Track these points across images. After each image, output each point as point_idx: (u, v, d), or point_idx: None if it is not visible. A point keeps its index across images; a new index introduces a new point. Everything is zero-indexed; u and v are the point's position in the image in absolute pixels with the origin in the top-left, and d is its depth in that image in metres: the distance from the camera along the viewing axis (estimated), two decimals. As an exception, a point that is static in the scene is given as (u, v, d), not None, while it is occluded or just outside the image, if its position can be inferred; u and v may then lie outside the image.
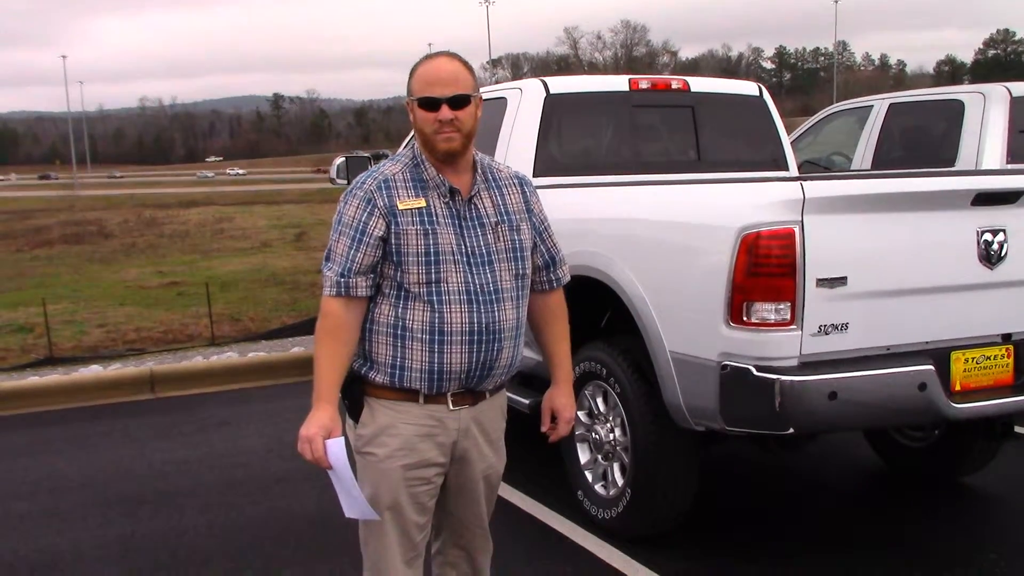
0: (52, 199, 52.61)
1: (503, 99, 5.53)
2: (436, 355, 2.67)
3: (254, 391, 7.84)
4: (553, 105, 5.35)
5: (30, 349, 9.37)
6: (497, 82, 8.61)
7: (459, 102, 2.66)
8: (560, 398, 3.00)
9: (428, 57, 2.74)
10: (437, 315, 2.66)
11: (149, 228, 27.59)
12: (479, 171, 2.78)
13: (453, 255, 2.68)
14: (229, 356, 8.61)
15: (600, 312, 4.74)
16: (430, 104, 2.66)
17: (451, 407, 2.76)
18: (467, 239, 2.71)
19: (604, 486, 4.56)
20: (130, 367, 8.24)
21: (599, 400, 4.56)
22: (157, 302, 12.38)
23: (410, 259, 2.65)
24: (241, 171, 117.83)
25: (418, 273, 2.65)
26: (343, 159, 7.16)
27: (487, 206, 2.77)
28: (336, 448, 2.61)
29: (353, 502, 2.66)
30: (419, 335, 2.67)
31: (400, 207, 2.66)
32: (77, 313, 11.51)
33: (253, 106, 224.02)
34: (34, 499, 5.42)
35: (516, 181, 2.89)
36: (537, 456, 4.78)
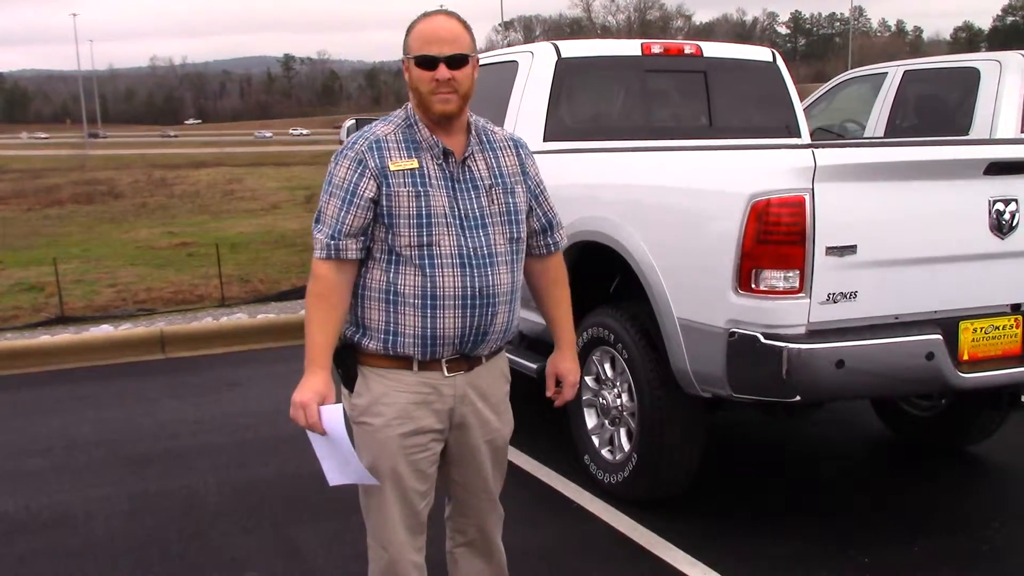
0: (63, 158, 52.60)
1: (514, 63, 5.50)
2: (429, 320, 2.61)
3: (263, 352, 7.88)
4: (565, 69, 5.32)
5: (41, 308, 9.40)
6: (509, 45, 8.55)
7: (457, 62, 2.58)
8: (564, 362, 2.97)
9: (426, 15, 2.66)
10: (429, 279, 2.59)
11: (159, 188, 27.60)
12: (473, 133, 2.72)
13: (446, 217, 2.61)
14: (239, 317, 8.64)
15: (609, 278, 4.74)
16: (427, 63, 2.58)
17: (446, 373, 2.70)
18: (460, 201, 2.64)
19: (611, 451, 4.59)
20: (141, 327, 8.28)
21: (606, 366, 4.57)
22: (167, 263, 12.40)
23: (401, 221, 2.58)
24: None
25: (409, 236, 2.58)
26: (353, 121, 7.15)
27: (481, 168, 2.70)
28: (334, 414, 2.57)
29: (347, 468, 2.61)
30: (411, 300, 2.61)
31: (392, 168, 2.59)
32: (88, 273, 11.54)
33: (264, 67, 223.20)
34: (46, 456, 5.48)
35: (511, 143, 2.82)
36: (544, 420, 4.80)
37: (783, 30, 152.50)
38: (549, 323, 2.98)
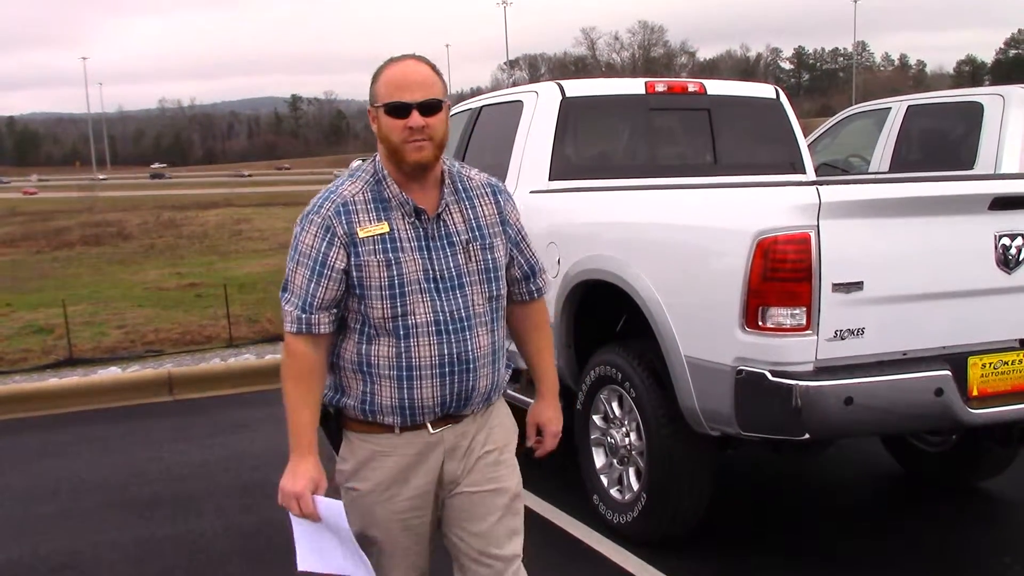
0: (72, 200, 52.93)
1: (519, 102, 5.54)
2: (406, 391, 2.46)
3: (271, 393, 7.86)
4: (569, 108, 5.35)
5: (50, 350, 9.43)
6: (514, 83, 8.62)
7: (430, 108, 2.40)
8: (546, 411, 2.84)
9: (393, 60, 2.49)
10: (404, 350, 2.44)
11: (168, 229, 27.73)
12: (447, 182, 2.53)
13: (420, 283, 2.44)
14: (246, 358, 8.65)
15: (616, 316, 4.74)
16: (398, 110, 2.40)
17: (432, 431, 2.54)
18: (435, 262, 2.47)
19: (619, 490, 4.56)
20: (149, 369, 8.29)
21: (614, 404, 4.55)
22: (176, 303, 12.44)
23: (372, 293, 2.41)
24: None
25: (383, 308, 2.42)
26: (360, 161, 7.18)
27: (457, 222, 2.52)
28: (335, 508, 2.43)
29: (329, 558, 2.48)
30: (386, 371, 2.46)
31: (360, 235, 2.41)
32: (97, 314, 11.57)
33: (271, 107, 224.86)
34: (53, 500, 5.47)
35: (489, 190, 2.62)
36: (552, 460, 4.77)
37: (787, 65, 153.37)
38: (531, 369, 2.85)
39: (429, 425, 2.53)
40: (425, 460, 2.55)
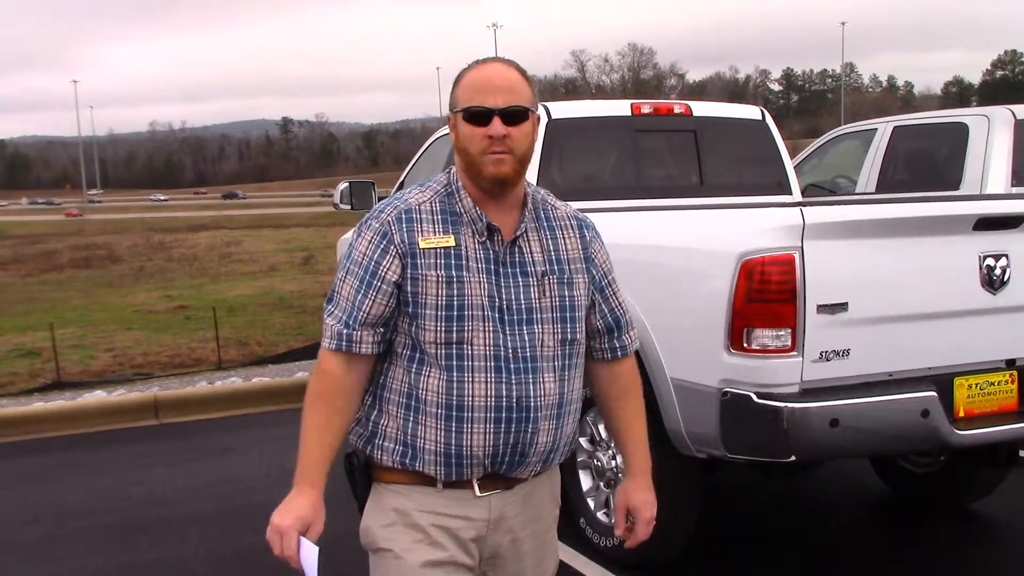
0: (62, 223, 52.88)
1: (505, 125, 5.53)
2: (453, 434, 2.14)
3: (258, 417, 7.82)
4: (555, 130, 5.35)
5: (38, 374, 9.39)
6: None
7: (514, 116, 2.13)
8: (638, 493, 2.45)
9: (479, 62, 2.22)
10: (455, 384, 2.13)
11: (157, 252, 27.71)
12: (530, 207, 2.25)
13: (483, 309, 2.14)
14: (233, 381, 8.61)
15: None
16: (479, 117, 2.12)
17: (478, 493, 2.21)
18: (503, 290, 2.17)
19: (606, 513, 4.53)
20: (135, 393, 8.24)
21: (600, 427, 4.53)
22: (165, 326, 12.41)
23: (427, 312, 2.13)
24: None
25: (436, 330, 2.13)
26: (347, 184, 7.19)
27: (534, 251, 2.22)
28: (310, 555, 2.13)
29: None
30: (432, 408, 2.14)
31: (422, 245, 2.14)
32: (85, 338, 11.54)
33: (262, 130, 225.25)
34: (36, 526, 5.41)
35: (575, 222, 2.33)
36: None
37: (776, 87, 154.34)
38: (618, 443, 2.51)
39: (476, 485, 2.21)
40: (465, 527, 2.22)
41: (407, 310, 2.15)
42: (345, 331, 2.16)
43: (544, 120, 5.35)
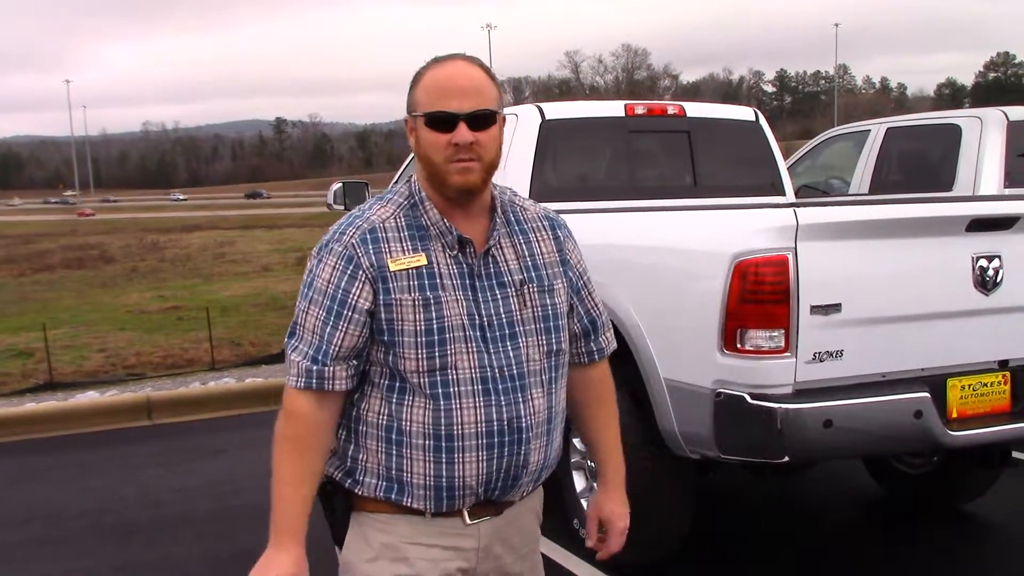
0: (54, 223, 52.75)
1: (499, 125, 5.53)
2: (444, 466, 2.00)
3: (251, 417, 7.81)
4: (549, 131, 5.35)
5: (30, 374, 9.35)
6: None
7: (482, 121, 1.97)
8: (613, 505, 2.35)
9: (440, 60, 2.03)
10: (443, 413, 1.98)
11: (151, 252, 27.65)
12: (499, 212, 2.09)
13: (464, 329, 1.98)
14: (226, 382, 8.59)
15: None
16: (443, 122, 1.95)
17: (468, 521, 2.08)
18: (482, 305, 2.02)
19: (600, 514, 4.52)
20: (127, 393, 8.22)
21: (595, 427, 4.52)
22: (158, 327, 12.37)
23: (406, 340, 1.96)
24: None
25: (417, 358, 1.97)
26: (340, 184, 7.17)
27: (509, 259, 2.07)
28: None
29: None
30: (419, 440, 1.99)
31: (392, 268, 1.96)
32: (78, 338, 11.50)
33: (256, 130, 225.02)
34: (28, 528, 5.39)
35: (547, 223, 2.18)
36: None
37: (769, 88, 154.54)
38: (591, 450, 2.39)
39: (466, 513, 2.07)
40: (454, 558, 2.09)
41: (382, 339, 1.98)
42: (315, 367, 1.97)
43: (537, 121, 5.35)
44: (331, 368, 1.98)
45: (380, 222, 2.01)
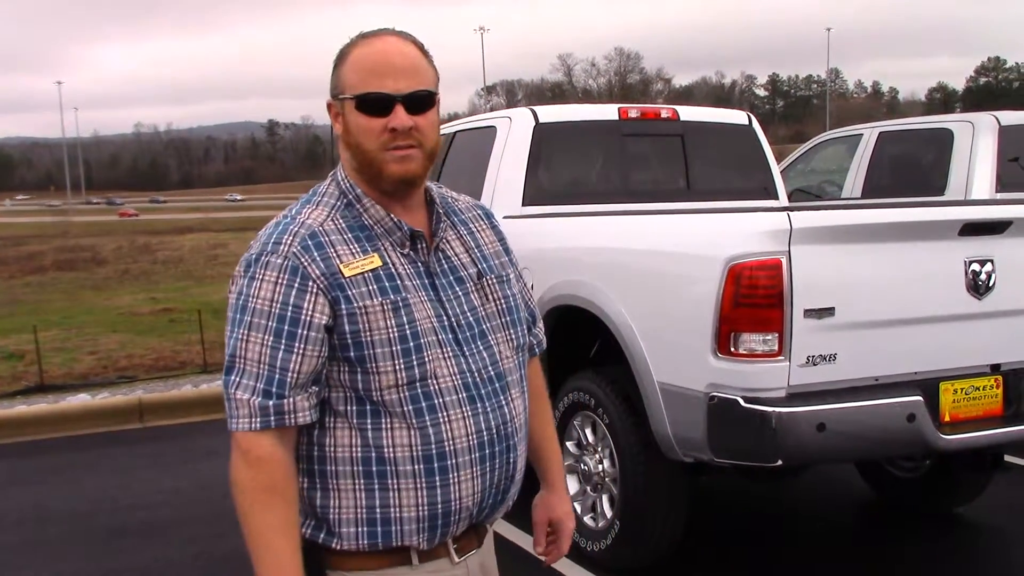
0: (46, 225, 52.61)
1: (493, 128, 5.54)
2: (438, 491, 1.77)
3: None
4: (542, 134, 5.35)
5: (21, 376, 9.31)
6: (492, 109, 8.66)
7: (420, 103, 1.77)
8: (561, 505, 2.20)
9: (368, 35, 1.81)
10: (431, 430, 1.76)
11: (143, 254, 27.57)
12: (438, 203, 1.90)
13: (436, 332, 1.78)
14: (218, 384, 8.53)
15: (589, 342, 4.72)
16: (376, 105, 1.75)
17: (456, 559, 1.88)
18: (447, 304, 1.83)
19: (593, 518, 4.52)
20: (119, 396, 8.19)
21: (588, 431, 4.53)
22: (149, 329, 12.33)
23: (377, 351, 1.73)
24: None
25: (395, 370, 1.74)
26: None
27: (459, 253, 1.90)
28: None
29: None
30: (407, 467, 1.76)
31: (347, 273, 1.73)
32: (69, 340, 11.45)
33: (248, 132, 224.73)
34: (19, 530, 5.37)
35: (481, 213, 2.02)
36: (525, 487, 4.73)
37: (762, 92, 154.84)
38: (532, 449, 2.10)
39: (453, 552, 1.87)
40: None
41: (347, 355, 1.74)
42: (271, 403, 1.70)
43: (531, 124, 5.35)
44: (291, 400, 1.71)
45: (318, 226, 1.77)
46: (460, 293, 1.85)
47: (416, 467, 1.76)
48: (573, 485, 4.63)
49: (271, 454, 1.71)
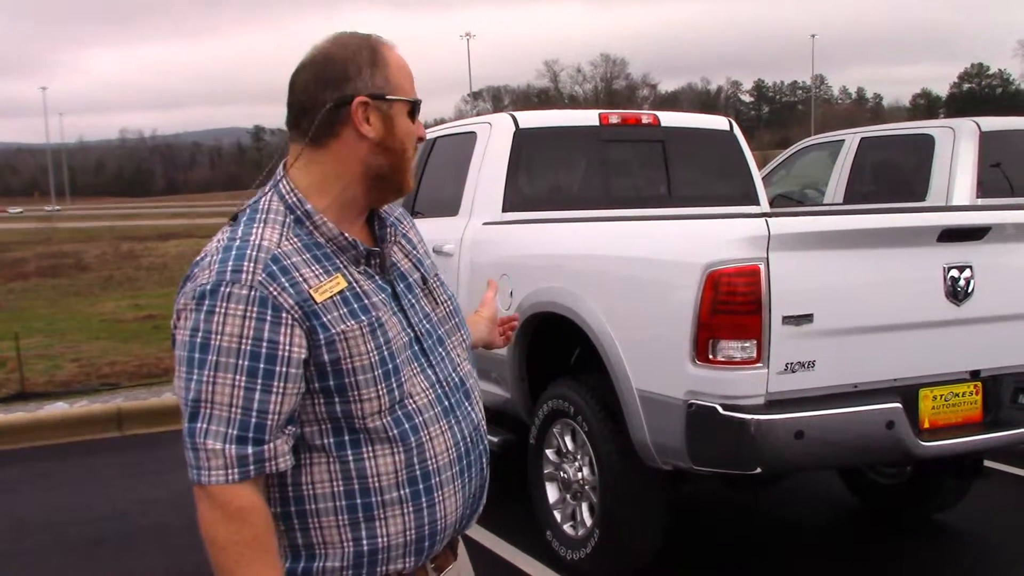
0: (29, 231, 52.34)
1: (473, 134, 5.51)
2: (424, 512, 1.71)
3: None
4: (522, 140, 5.33)
5: (2, 383, 9.22)
6: (478, 114, 8.64)
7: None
8: (484, 310, 2.30)
9: (380, 39, 1.76)
10: (415, 451, 1.69)
11: (127, 261, 27.42)
12: (380, 210, 1.84)
13: (407, 348, 1.73)
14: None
15: (569, 349, 4.70)
16: (416, 114, 1.75)
17: None
18: (410, 315, 1.77)
19: (573, 526, 4.49)
20: (97, 404, 8.11)
21: (567, 439, 4.50)
22: (133, 336, 12.24)
23: (360, 378, 1.63)
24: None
25: (379, 396, 1.65)
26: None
27: (400, 259, 1.83)
28: None
29: None
30: (393, 493, 1.68)
31: (319, 299, 1.61)
32: (51, 347, 11.35)
33: (234, 138, 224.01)
34: (-7, 541, 5.31)
35: (404, 212, 1.99)
36: (504, 496, 4.70)
37: (747, 98, 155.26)
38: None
39: (430, 570, 1.80)
40: None
41: (324, 385, 1.63)
42: (250, 450, 1.56)
43: (511, 129, 5.32)
44: (272, 445, 1.58)
45: (276, 248, 1.63)
46: (415, 302, 1.80)
47: (402, 492, 1.68)
48: (553, 493, 4.60)
49: (252, 504, 1.58)
